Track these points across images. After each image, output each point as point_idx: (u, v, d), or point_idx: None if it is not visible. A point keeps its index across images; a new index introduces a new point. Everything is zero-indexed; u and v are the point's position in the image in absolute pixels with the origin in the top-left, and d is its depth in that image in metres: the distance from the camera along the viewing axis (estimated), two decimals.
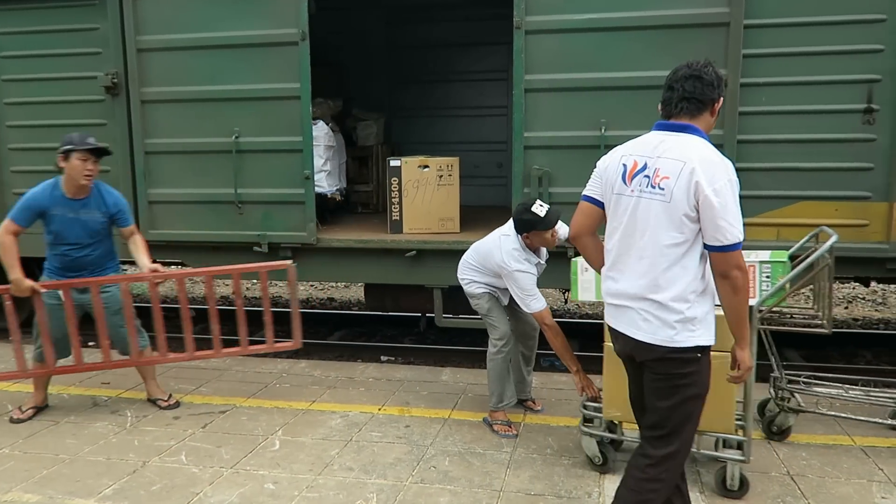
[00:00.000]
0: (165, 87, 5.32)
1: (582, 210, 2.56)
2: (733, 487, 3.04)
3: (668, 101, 2.40)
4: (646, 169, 2.32)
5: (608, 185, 2.44)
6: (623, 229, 2.37)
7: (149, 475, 3.33)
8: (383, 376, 4.81)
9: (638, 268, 2.34)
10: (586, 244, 2.61)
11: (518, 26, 4.74)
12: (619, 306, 2.42)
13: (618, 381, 2.97)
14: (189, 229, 5.46)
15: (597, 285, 3.46)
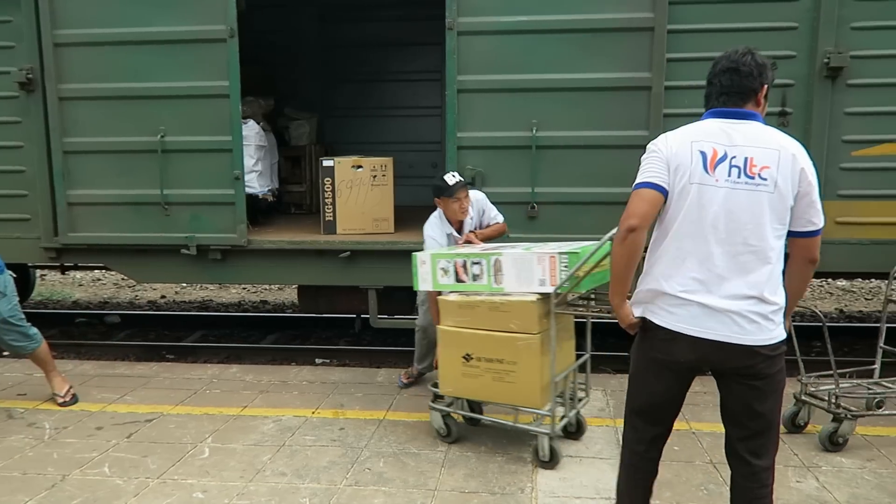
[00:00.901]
0: (85, 83, 5.09)
1: (645, 198, 2.19)
2: (545, 458, 3.37)
3: (709, 97, 2.28)
4: (727, 158, 2.14)
5: (682, 171, 2.17)
6: (711, 223, 2.14)
7: (69, 489, 3.18)
8: (318, 379, 4.74)
9: (740, 265, 2.13)
10: (642, 240, 2.21)
11: (450, 27, 4.77)
12: (712, 309, 2.14)
13: (451, 360, 3.54)
14: (112, 232, 5.24)
15: (433, 276, 3.68)
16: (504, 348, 3.37)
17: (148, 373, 4.92)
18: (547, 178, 4.86)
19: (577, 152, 4.82)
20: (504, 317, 3.37)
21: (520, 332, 3.31)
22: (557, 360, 3.38)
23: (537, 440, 3.39)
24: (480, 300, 3.46)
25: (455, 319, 3.54)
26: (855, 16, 4.50)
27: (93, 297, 8.88)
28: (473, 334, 3.46)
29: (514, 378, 3.36)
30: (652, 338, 2.25)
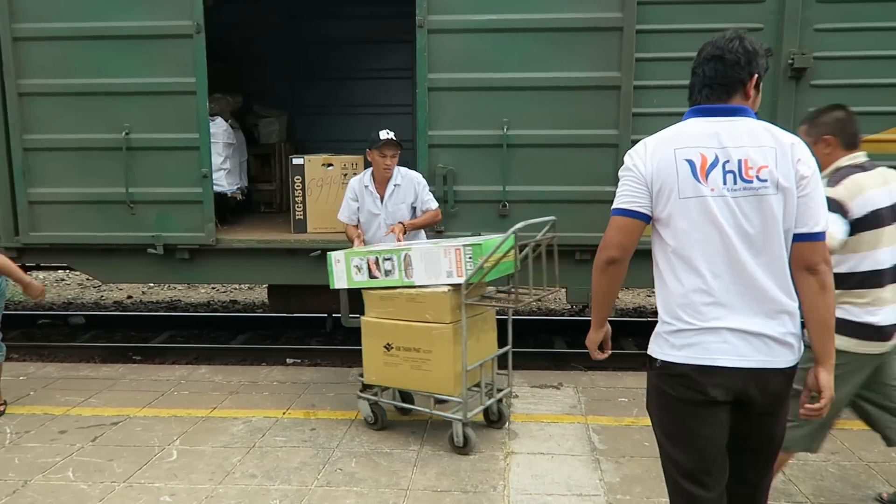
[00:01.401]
0: (46, 79, 4.97)
1: (621, 227, 1.97)
2: (459, 444, 3.48)
3: (692, 89, 2.04)
4: (719, 163, 1.88)
5: (667, 190, 1.91)
6: (718, 239, 1.88)
7: (31, 495, 3.10)
8: (288, 379, 4.70)
9: (763, 281, 1.88)
10: (623, 270, 2.02)
11: (421, 25, 4.75)
12: (743, 333, 1.88)
13: (373, 350, 3.68)
14: (76, 231, 5.12)
15: (348, 274, 3.82)
16: (420, 337, 3.52)
17: (114, 374, 4.82)
18: (518, 176, 4.88)
19: (547, 151, 4.85)
20: (420, 307, 3.52)
21: (434, 322, 3.47)
22: (475, 350, 3.56)
23: (452, 427, 3.52)
24: (399, 292, 3.60)
25: (377, 311, 3.70)
26: (818, 18, 4.59)
27: (56, 298, 8.68)
28: (393, 324, 3.62)
29: (429, 366, 3.52)
30: (677, 377, 1.94)
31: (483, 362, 3.67)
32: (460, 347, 3.47)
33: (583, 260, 4.99)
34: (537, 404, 4.18)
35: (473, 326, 3.59)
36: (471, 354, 3.53)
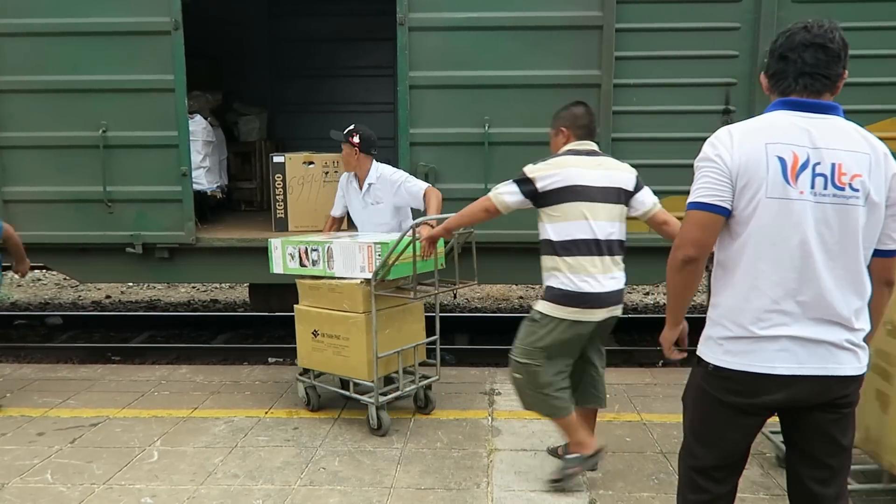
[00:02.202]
0: (20, 76, 4.89)
1: (701, 223, 1.84)
2: (374, 426, 3.71)
3: (782, 75, 1.89)
4: (810, 165, 1.78)
5: (754, 186, 1.79)
6: (797, 245, 1.79)
7: (8, 498, 3.05)
8: (270, 378, 4.68)
9: (833, 291, 1.81)
10: (701, 270, 1.90)
11: (401, 23, 4.74)
12: (805, 341, 1.82)
13: (303, 336, 3.97)
14: (52, 230, 5.05)
15: (283, 260, 4.05)
16: (340, 325, 3.78)
17: (93, 375, 4.76)
18: (500, 174, 4.83)
19: (529, 148, 4.78)
20: (339, 297, 3.79)
21: (350, 312, 3.73)
22: (394, 339, 3.79)
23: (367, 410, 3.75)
24: (323, 282, 3.87)
25: (306, 300, 3.99)
26: (793, 17, 4.49)
27: (33, 298, 8.55)
28: (318, 313, 3.89)
29: (347, 352, 3.78)
30: (727, 382, 1.89)
31: (401, 350, 3.83)
32: (378, 335, 3.68)
33: None
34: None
35: (394, 317, 3.85)
36: (388, 343, 3.76)
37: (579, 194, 2.93)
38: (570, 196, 2.93)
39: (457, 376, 4.71)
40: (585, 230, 2.93)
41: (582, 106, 3.20)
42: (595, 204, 2.95)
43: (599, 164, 3.06)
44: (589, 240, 2.93)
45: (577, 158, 3.03)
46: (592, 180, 2.96)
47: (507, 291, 8.65)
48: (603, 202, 2.97)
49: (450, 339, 6.43)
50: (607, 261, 2.95)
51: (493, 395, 4.31)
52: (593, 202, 2.95)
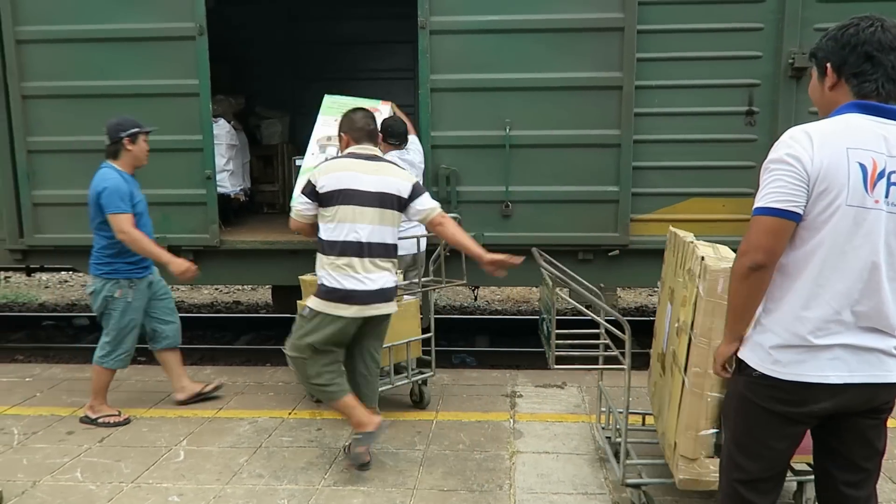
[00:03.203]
0: (50, 81, 5.00)
1: (772, 229, 1.76)
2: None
3: (869, 77, 1.77)
4: (886, 173, 1.73)
5: (833, 192, 1.72)
6: (867, 256, 1.74)
7: (40, 495, 3.12)
8: (293, 379, 4.70)
9: (891, 304, 1.78)
10: (769, 278, 1.82)
11: (423, 26, 4.77)
12: (857, 349, 1.79)
13: None
14: (80, 233, 5.10)
15: None
16: None
17: (119, 375, 4.79)
18: (520, 176, 4.90)
19: (549, 151, 4.87)
20: None
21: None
22: (388, 335, 3.65)
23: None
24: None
25: (305, 297, 3.89)
26: (818, 17, 4.61)
27: (59, 300, 8.70)
28: None
29: None
30: (774, 391, 1.85)
31: (392, 346, 3.87)
32: None
33: (585, 260, 5.02)
34: (542, 404, 4.20)
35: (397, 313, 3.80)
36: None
37: (349, 197, 3.09)
38: (340, 199, 3.10)
39: (478, 378, 4.72)
40: (350, 232, 3.10)
41: (360, 111, 3.35)
42: (364, 208, 3.11)
43: (377, 169, 3.18)
44: (352, 241, 3.11)
45: (354, 162, 3.18)
46: (365, 185, 3.11)
47: (528, 294, 8.64)
48: (371, 206, 3.13)
49: (470, 341, 6.44)
50: (367, 262, 3.12)
51: (515, 397, 4.32)
52: (362, 206, 3.11)
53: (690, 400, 2.61)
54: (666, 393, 2.95)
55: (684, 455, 2.63)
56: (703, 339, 2.57)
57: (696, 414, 2.59)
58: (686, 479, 2.63)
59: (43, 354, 6.11)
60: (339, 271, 3.12)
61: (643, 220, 4.89)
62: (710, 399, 2.58)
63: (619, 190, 4.83)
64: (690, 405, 2.61)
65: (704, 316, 2.56)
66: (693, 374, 2.61)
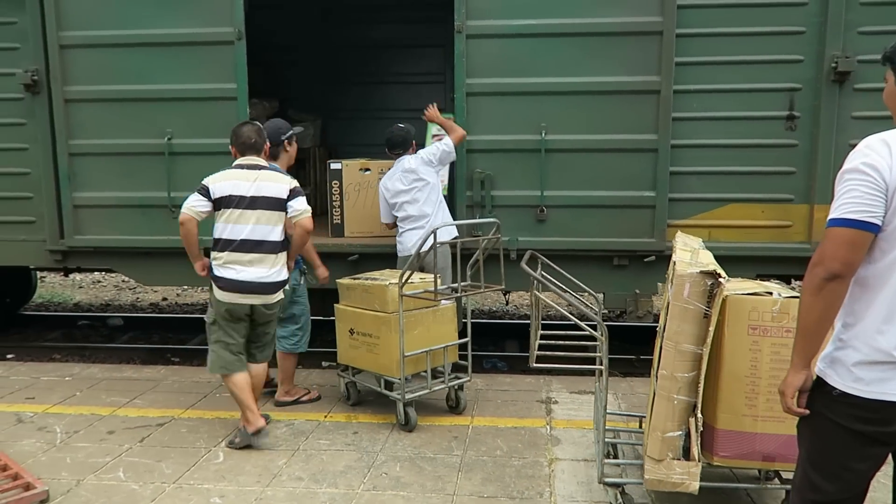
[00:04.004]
0: (91, 85, 5.08)
1: (849, 241, 1.72)
2: (401, 422, 3.86)
3: None
4: None
5: None
6: None
7: (85, 494, 3.16)
8: (327, 382, 4.73)
9: None
10: (844, 291, 1.77)
11: (459, 30, 4.77)
12: None
13: (342, 334, 4.18)
14: (119, 234, 5.23)
15: None
16: (372, 324, 3.96)
17: (156, 376, 4.90)
18: (556, 181, 4.87)
19: (586, 155, 4.84)
20: (371, 297, 3.99)
21: (381, 312, 3.90)
22: (422, 339, 3.92)
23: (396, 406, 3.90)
24: (358, 283, 4.09)
25: (345, 299, 4.22)
26: (862, 20, 4.53)
27: (94, 300, 8.84)
28: (353, 312, 4.10)
29: (378, 350, 3.95)
30: (856, 410, 1.78)
31: (430, 350, 3.92)
32: (408, 334, 3.81)
33: (620, 265, 4.97)
34: (578, 410, 4.17)
35: (423, 318, 3.97)
36: (416, 343, 3.89)
37: (233, 202, 3.58)
38: (227, 203, 3.59)
39: (511, 384, 4.70)
40: (233, 231, 3.59)
41: (246, 125, 3.80)
42: (244, 210, 3.58)
43: (256, 177, 3.63)
44: (237, 239, 3.59)
45: (238, 172, 3.65)
46: (246, 191, 3.58)
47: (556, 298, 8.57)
48: (250, 209, 3.58)
49: (500, 345, 6.42)
50: (249, 256, 3.59)
51: (550, 403, 4.29)
52: (243, 209, 3.58)
53: (658, 402, 2.64)
54: (651, 396, 2.94)
55: (651, 456, 2.66)
56: (669, 342, 2.60)
57: (664, 416, 2.63)
58: (652, 480, 2.66)
59: (79, 354, 6.20)
60: (226, 264, 3.61)
61: (680, 225, 4.81)
62: (678, 402, 2.61)
63: (655, 195, 4.78)
64: (658, 407, 2.64)
65: (671, 320, 2.59)
66: (661, 376, 2.63)
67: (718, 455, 2.68)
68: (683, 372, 2.53)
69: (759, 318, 2.60)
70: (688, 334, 2.50)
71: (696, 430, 2.53)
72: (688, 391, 2.53)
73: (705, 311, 2.48)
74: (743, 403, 2.63)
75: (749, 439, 2.66)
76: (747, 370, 2.62)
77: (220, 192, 3.60)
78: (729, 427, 2.66)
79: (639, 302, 5.01)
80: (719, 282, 2.44)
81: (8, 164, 5.27)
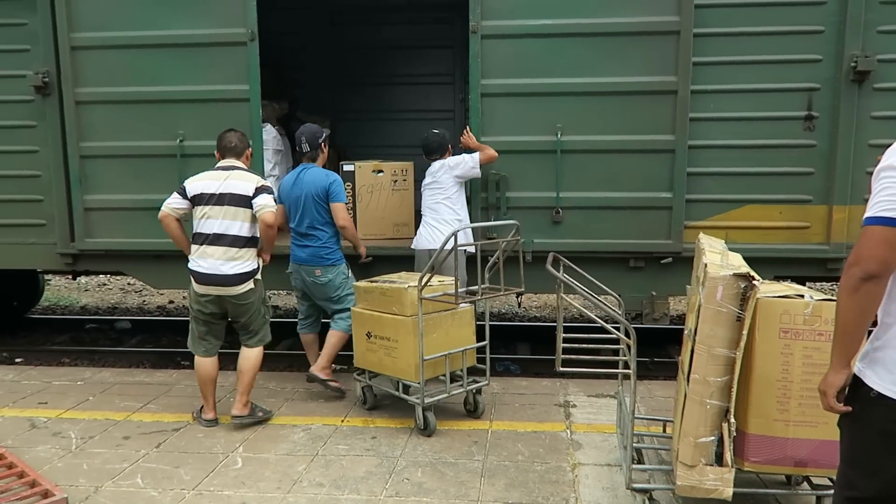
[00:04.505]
0: (102, 87, 5.05)
1: (886, 239, 1.70)
2: (420, 426, 3.81)
3: None
4: None
5: None
6: None
7: (104, 501, 3.11)
8: (343, 386, 4.68)
9: None
10: (882, 291, 1.77)
11: (474, 30, 4.73)
12: None
13: (359, 337, 4.14)
14: (130, 237, 5.19)
15: None
16: (390, 327, 3.93)
17: (168, 380, 4.85)
18: (572, 182, 4.83)
19: (602, 156, 4.80)
20: (389, 301, 3.94)
21: (399, 315, 3.87)
22: (441, 342, 3.89)
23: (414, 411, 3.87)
24: (375, 286, 4.04)
25: (362, 302, 4.17)
26: (882, 19, 4.49)
27: (100, 303, 8.79)
28: (371, 315, 4.06)
29: (397, 354, 3.91)
30: (892, 413, 1.76)
31: (448, 354, 3.89)
32: (426, 338, 3.77)
33: (636, 267, 4.93)
34: (597, 414, 4.12)
35: (442, 321, 3.93)
36: (435, 346, 3.85)
37: (203, 199, 3.86)
38: (199, 200, 3.88)
39: (528, 387, 4.65)
40: (205, 226, 3.85)
41: (231, 132, 4.07)
42: (213, 206, 3.83)
43: (227, 176, 3.89)
44: (206, 233, 3.84)
45: (212, 173, 3.95)
46: (216, 189, 3.85)
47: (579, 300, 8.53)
48: (219, 205, 3.83)
49: (511, 348, 6.37)
50: (220, 250, 3.82)
51: (569, 407, 4.25)
52: (212, 205, 3.83)
53: (690, 407, 2.60)
54: (680, 400, 2.89)
55: (683, 461, 2.62)
56: (702, 346, 2.56)
57: (696, 421, 2.58)
58: (684, 486, 2.62)
59: (89, 358, 6.15)
60: (197, 256, 3.87)
61: (698, 227, 4.77)
62: (710, 406, 2.56)
63: (672, 196, 4.74)
64: (690, 412, 2.60)
65: (703, 323, 2.55)
66: (693, 380, 2.58)
67: (749, 460, 2.64)
68: (716, 376, 2.48)
69: (791, 321, 2.56)
70: (721, 338, 2.46)
71: (729, 436, 2.48)
72: (720, 396, 2.48)
73: (738, 315, 2.43)
74: (774, 408, 2.59)
75: (780, 444, 2.61)
76: (779, 374, 2.58)
77: (194, 191, 3.89)
78: (760, 432, 2.62)
79: (655, 304, 4.96)
80: (753, 284, 2.40)
81: (18, 167, 5.24)
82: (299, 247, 4.44)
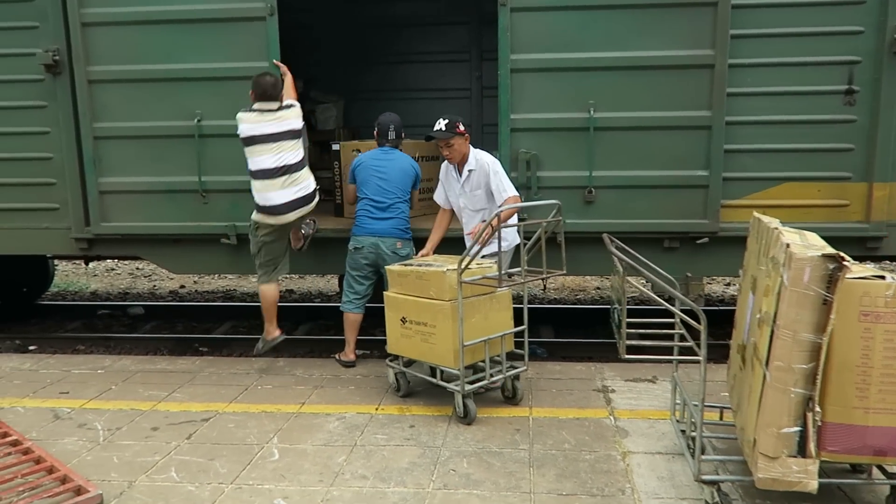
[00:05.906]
0: (116, 65, 4.86)
1: None
2: (460, 414, 3.69)
3: None
4: None
5: None
6: None
7: (139, 497, 2.99)
8: (371, 372, 4.56)
9: None
10: None
11: (503, 3, 4.55)
12: None
13: (393, 323, 3.99)
14: (146, 221, 5.03)
15: None
16: (427, 312, 3.79)
17: (191, 368, 4.72)
18: (605, 161, 4.68)
19: (636, 134, 4.64)
20: (426, 285, 3.80)
21: (436, 299, 3.73)
22: (480, 327, 3.74)
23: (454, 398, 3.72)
24: (410, 270, 3.91)
25: (395, 287, 4.03)
26: None
27: (110, 288, 8.64)
28: (406, 299, 3.91)
29: (434, 340, 3.78)
30: None
31: (488, 339, 3.75)
32: (465, 323, 3.63)
33: (671, 248, 4.80)
34: (638, 399, 4.01)
35: (480, 305, 3.78)
36: (474, 331, 3.70)
37: (251, 140, 4.23)
38: (247, 142, 4.24)
39: (562, 371, 4.54)
40: (260, 163, 4.22)
41: (262, 76, 4.31)
42: (264, 145, 4.20)
43: (268, 118, 4.25)
44: (266, 169, 4.21)
45: (253, 115, 4.26)
46: (261, 130, 4.20)
47: (583, 282, 8.43)
48: (267, 143, 4.19)
49: (535, 331, 6.25)
50: (278, 181, 4.23)
51: (608, 392, 4.13)
52: (261, 143, 4.20)
53: (772, 395, 2.47)
54: (746, 387, 2.78)
55: (764, 453, 2.50)
56: (786, 331, 2.42)
57: (779, 410, 2.46)
58: (765, 479, 2.51)
59: (104, 344, 6.02)
60: (260, 192, 4.25)
61: (734, 206, 4.65)
62: (794, 395, 2.44)
63: (709, 174, 4.60)
64: (772, 401, 2.47)
65: (789, 306, 2.41)
66: (775, 367, 2.45)
67: (826, 450, 2.52)
68: (801, 363, 2.35)
69: (872, 303, 2.42)
70: (807, 322, 2.32)
71: (813, 426, 2.36)
72: (805, 384, 2.36)
73: (825, 298, 2.30)
74: (853, 395, 2.46)
75: (860, 433, 2.49)
76: (858, 359, 2.44)
77: (242, 133, 4.29)
78: (838, 420, 2.49)
79: (690, 285, 4.83)
80: (843, 265, 2.26)
81: (28, 149, 5.06)
82: (377, 219, 4.46)
